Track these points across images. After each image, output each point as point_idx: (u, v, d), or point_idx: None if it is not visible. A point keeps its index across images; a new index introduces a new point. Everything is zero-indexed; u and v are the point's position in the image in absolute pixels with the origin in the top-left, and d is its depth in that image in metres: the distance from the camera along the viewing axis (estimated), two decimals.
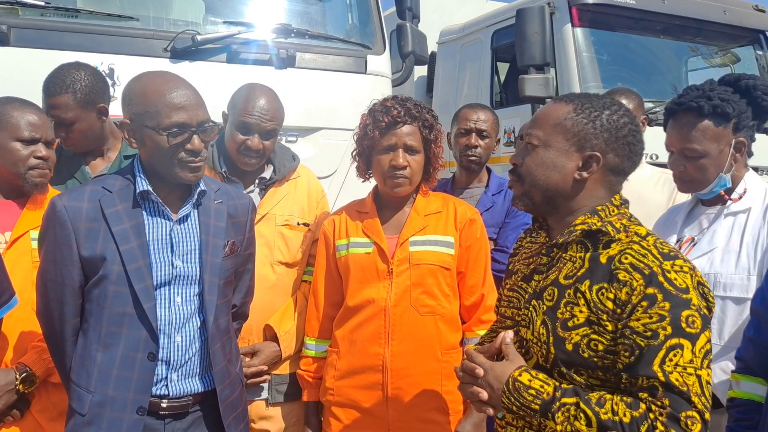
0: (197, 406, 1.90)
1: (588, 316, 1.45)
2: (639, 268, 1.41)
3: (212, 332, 1.89)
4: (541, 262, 1.63)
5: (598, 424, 1.34)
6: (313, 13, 3.95)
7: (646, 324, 1.36)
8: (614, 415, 1.33)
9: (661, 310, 1.36)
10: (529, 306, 1.59)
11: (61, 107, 2.40)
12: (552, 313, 1.51)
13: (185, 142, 1.79)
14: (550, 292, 1.54)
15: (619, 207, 1.56)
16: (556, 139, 1.54)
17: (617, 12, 5.58)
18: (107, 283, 1.79)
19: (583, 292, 1.47)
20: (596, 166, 1.52)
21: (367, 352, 2.21)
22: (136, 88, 1.83)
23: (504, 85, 6.61)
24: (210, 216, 1.94)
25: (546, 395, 1.41)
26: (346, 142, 3.49)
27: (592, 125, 1.52)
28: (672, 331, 1.34)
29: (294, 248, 2.46)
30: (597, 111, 1.53)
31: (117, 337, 1.79)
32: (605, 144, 1.52)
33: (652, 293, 1.37)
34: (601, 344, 1.42)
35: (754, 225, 2.10)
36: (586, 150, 1.52)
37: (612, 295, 1.42)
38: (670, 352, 1.34)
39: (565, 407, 1.38)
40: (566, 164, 1.53)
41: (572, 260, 1.54)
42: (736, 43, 6.36)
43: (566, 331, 1.47)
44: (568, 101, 1.57)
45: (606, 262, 1.47)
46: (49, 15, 3.17)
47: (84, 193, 1.84)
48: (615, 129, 1.53)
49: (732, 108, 2.06)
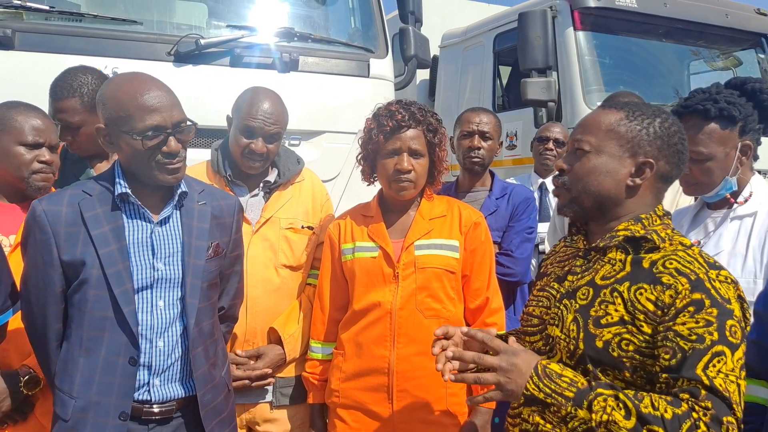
0: (180, 412, 1.88)
1: (622, 316, 1.45)
2: (685, 273, 1.42)
3: (193, 336, 1.87)
4: (576, 264, 1.63)
5: (638, 416, 1.33)
6: (316, 17, 3.96)
7: (691, 328, 1.37)
8: (655, 409, 1.33)
9: (708, 316, 1.37)
10: (559, 305, 1.60)
11: (67, 111, 2.41)
12: (585, 311, 1.52)
13: (161, 144, 1.77)
14: (585, 291, 1.55)
15: (662, 217, 1.58)
16: (609, 144, 1.54)
17: (619, 15, 5.58)
18: (87, 287, 1.77)
19: (621, 292, 1.47)
20: (649, 173, 1.53)
21: (372, 355, 2.21)
22: (109, 92, 1.80)
23: (506, 88, 6.61)
24: (193, 217, 1.92)
25: (581, 384, 1.40)
26: (348, 145, 3.50)
27: (645, 132, 1.53)
28: (718, 338, 1.36)
29: (298, 251, 2.46)
30: (649, 118, 1.54)
31: (98, 342, 1.78)
32: (658, 151, 1.53)
33: (699, 298, 1.39)
34: (632, 344, 1.43)
35: (761, 229, 2.10)
36: (639, 156, 1.53)
37: (653, 297, 1.42)
38: (715, 358, 1.35)
39: (602, 397, 1.37)
40: (619, 170, 1.53)
41: (611, 263, 1.55)
42: (738, 47, 6.36)
43: (598, 328, 1.48)
44: (618, 108, 1.58)
45: (648, 266, 1.48)
46: (53, 19, 3.18)
47: (64, 197, 1.82)
48: (667, 136, 1.54)
49: (738, 111, 2.06)
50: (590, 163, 1.55)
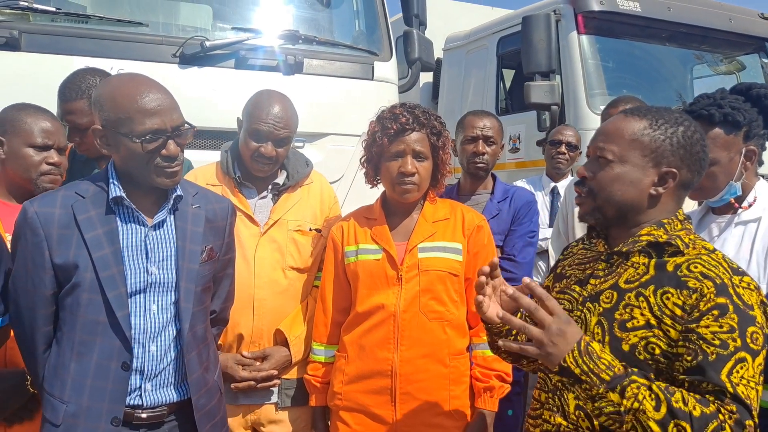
0: (173, 416, 1.87)
1: (648, 320, 1.47)
2: (710, 277, 1.43)
3: (188, 340, 1.86)
4: (599, 267, 1.64)
5: (668, 410, 1.34)
6: (321, 20, 3.97)
7: (715, 332, 1.39)
8: (685, 405, 1.34)
9: (731, 321, 1.39)
10: (582, 308, 1.60)
11: (76, 112, 2.42)
12: (609, 314, 1.52)
13: (160, 147, 1.75)
14: (608, 294, 1.56)
15: (683, 222, 1.58)
16: (632, 154, 1.54)
17: (623, 20, 5.58)
18: (80, 290, 1.75)
19: (646, 297, 1.49)
20: (672, 182, 1.54)
21: (376, 357, 2.22)
22: (106, 93, 1.77)
23: (509, 91, 6.62)
24: (187, 221, 1.90)
25: (618, 369, 1.39)
26: (352, 147, 3.51)
27: (669, 141, 1.53)
28: (741, 344, 1.38)
29: (306, 254, 2.47)
30: (673, 127, 1.55)
31: (90, 346, 1.75)
32: (680, 160, 1.54)
33: (724, 303, 1.40)
34: (658, 348, 1.45)
35: (765, 234, 2.10)
36: (662, 166, 1.54)
37: (680, 301, 1.44)
38: (738, 364, 1.37)
39: (635, 384, 1.37)
40: (642, 180, 1.54)
41: (634, 266, 1.56)
42: (742, 51, 6.36)
43: (624, 331, 1.49)
44: (641, 116, 1.57)
45: (673, 270, 1.49)
46: (59, 20, 3.19)
47: (56, 199, 1.79)
48: (690, 145, 1.55)
49: (743, 116, 2.07)
50: (614, 172, 1.55)
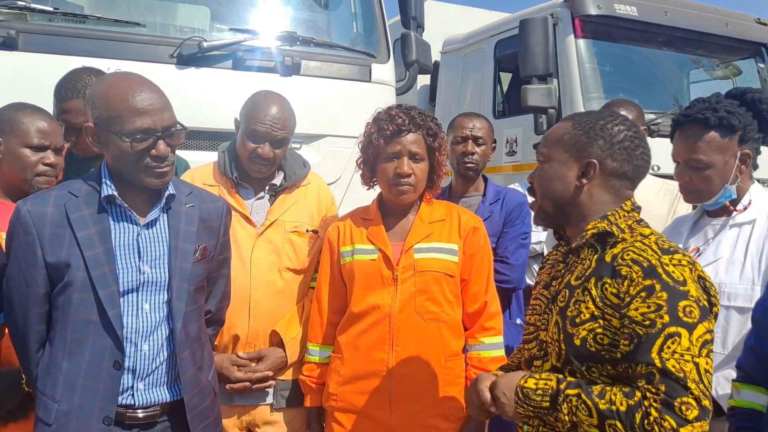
0: (165, 417, 1.87)
1: (593, 312, 1.51)
2: (638, 262, 1.47)
3: (180, 340, 1.86)
4: (559, 268, 1.71)
5: (598, 414, 1.39)
6: (319, 22, 3.98)
7: (644, 313, 1.41)
8: (611, 404, 1.39)
9: (659, 300, 1.41)
10: (548, 311, 1.67)
11: (72, 112, 2.42)
12: (563, 312, 1.58)
13: (150, 147, 1.75)
14: (563, 294, 1.62)
15: (629, 212, 1.63)
16: (556, 152, 1.67)
17: (620, 24, 5.59)
18: (72, 290, 1.75)
19: (589, 290, 1.53)
20: (594, 172, 1.61)
21: (371, 358, 2.22)
22: (99, 91, 1.77)
23: (506, 95, 6.62)
24: (180, 220, 1.90)
25: (551, 390, 1.48)
26: (350, 149, 3.51)
27: (586, 136, 1.62)
28: (669, 320, 1.39)
29: (302, 255, 2.46)
30: (592, 122, 1.64)
31: (82, 345, 1.75)
32: (601, 150, 1.61)
33: (650, 284, 1.43)
34: (606, 338, 1.48)
35: (759, 236, 2.12)
36: (583, 158, 1.62)
37: (615, 290, 1.48)
38: (668, 340, 1.38)
39: (568, 398, 1.45)
40: (567, 174, 1.64)
41: (582, 263, 1.61)
42: (738, 56, 6.37)
43: (574, 327, 1.54)
44: (569, 119, 1.70)
45: (610, 260, 1.53)
46: (57, 20, 3.19)
47: (49, 198, 1.79)
48: (609, 136, 1.62)
49: (738, 120, 2.09)
50: (544, 171, 1.69)
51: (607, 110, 1.71)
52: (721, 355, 2.08)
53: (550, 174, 1.68)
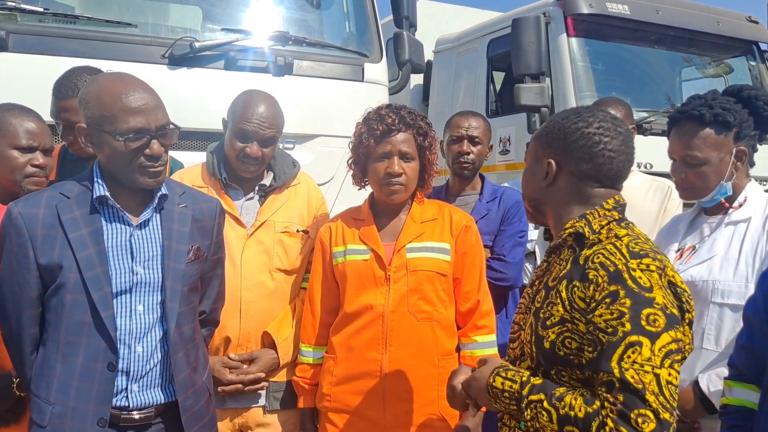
0: (160, 418, 1.86)
1: (563, 315, 1.48)
2: (605, 266, 1.43)
3: (174, 341, 1.85)
4: (542, 267, 1.69)
5: (558, 419, 1.37)
6: (311, 21, 3.97)
7: (607, 320, 1.37)
8: (571, 409, 1.35)
9: (621, 307, 1.36)
10: (528, 310, 1.65)
11: (71, 110, 2.40)
12: (537, 314, 1.56)
13: (144, 147, 1.75)
14: (541, 294, 1.59)
15: (609, 210, 1.57)
16: (529, 154, 1.72)
17: (612, 22, 5.62)
18: (64, 291, 1.74)
19: (560, 292, 1.51)
20: (552, 173, 1.61)
21: (364, 358, 2.22)
22: (92, 90, 1.77)
23: (499, 93, 6.63)
24: (173, 221, 1.90)
25: (516, 393, 1.47)
26: (342, 149, 3.46)
27: (547, 137, 1.64)
28: (631, 328, 1.34)
29: (293, 255, 2.46)
30: (552, 123, 1.65)
31: (76, 347, 1.75)
32: (560, 151, 1.60)
33: (615, 290, 1.39)
34: (574, 342, 1.45)
35: (754, 234, 2.12)
36: (544, 159, 1.63)
37: (582, 294, 1.44)
38: (629, 349, 1.33)
39: (532, 404, 1.43)
40: (535, 174, 1.67)
41: (560, 263, 1.59)
42: (730, 54, 6.40)
43: (544, 329, 1.51)
44: (551, 117, 1.71)
45: (583, 262, 1.50)
46: (47, 21, 3.17)
47: (41, 200, 1.79)
48: (564, 135, 1.60)
49: (733, 117, 2.09)
50: (524, 172, 1.74)
51: (587, 108, 1.68)
52: (714, 353, 2.08)
53: (525, 175, 1.72)
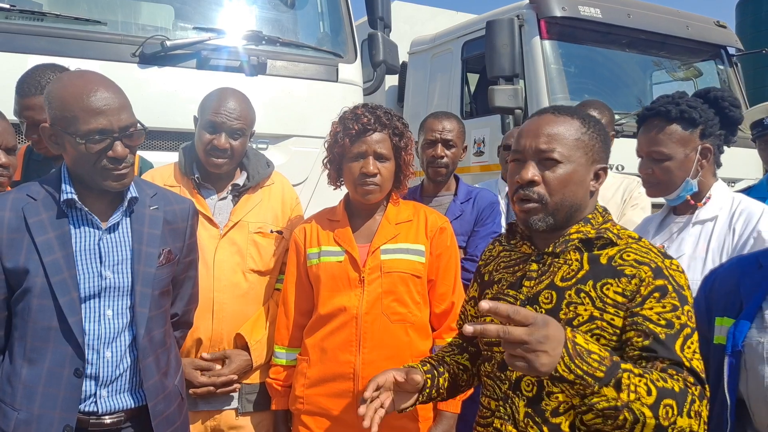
0: (130, 423, 1.84)
1: (592, 313, 1.48)
2: (645, 262, 1.48)
3: (143, 346, 1.82)
4: (531, 268, 1.63)
5: (657, 390, 1.30)
6: (285, 21, 3.94)
7: (659, 313, 1.43)
8: (665, 382, 1.33)
9: (673, 301, 1.44)
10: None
11: (35, 108, 2.35)
12: (554, 315, 1.50)
13: (106, 149, 1.71)
14: (547, 295, 1.56)
15: (603, 214, 1.63)
16: (577, 154, 1.55)
17: (584, 25, 5.69)
18: (31, 296, 1.70)
19: (587, 292, 1.51)
20: (603, 177, 1.59)
21: (338, 360, 2.20)
22: (55, 90, 1.71)
23: (474, 95, 6.68)
24: (143, 224, 1.87)
25: (608, 362, 1.30)
26: (317, 149, 3.49)
27: (599, 139, 1.59)
28: (685, 322, 1.43)
29: (267, 256, 2.43)
30: (596, 125, 1.60)
31: (42, 353, 1.71)
32: (605, 154, 1.61)
33: (663, 284, 1.45)
34: (602, 339, 1.46)
35: (720, 232, 2.16)
36: (597, 163, 1.58)
37: (620, 289, 1.47)
38: (688, 340, 1.41)
39: (627, 374, 1.30)
40: (586, 178, 1.57)
41: (568, 263, 1.57)
42: (699, 58, 6.53)
43: (572, 330, 1.47)
44: (570, 115, 1.58)
45: (607, 261, 1.53)
46: (14, 18, 3.10)
47: (6, 202, 1.74)
48: (606, 139, 1.63)
49: (699, 114, 2.14)
50: (566, 173, 1.54)
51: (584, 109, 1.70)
52: None
53: (573, 178, 1.53)
